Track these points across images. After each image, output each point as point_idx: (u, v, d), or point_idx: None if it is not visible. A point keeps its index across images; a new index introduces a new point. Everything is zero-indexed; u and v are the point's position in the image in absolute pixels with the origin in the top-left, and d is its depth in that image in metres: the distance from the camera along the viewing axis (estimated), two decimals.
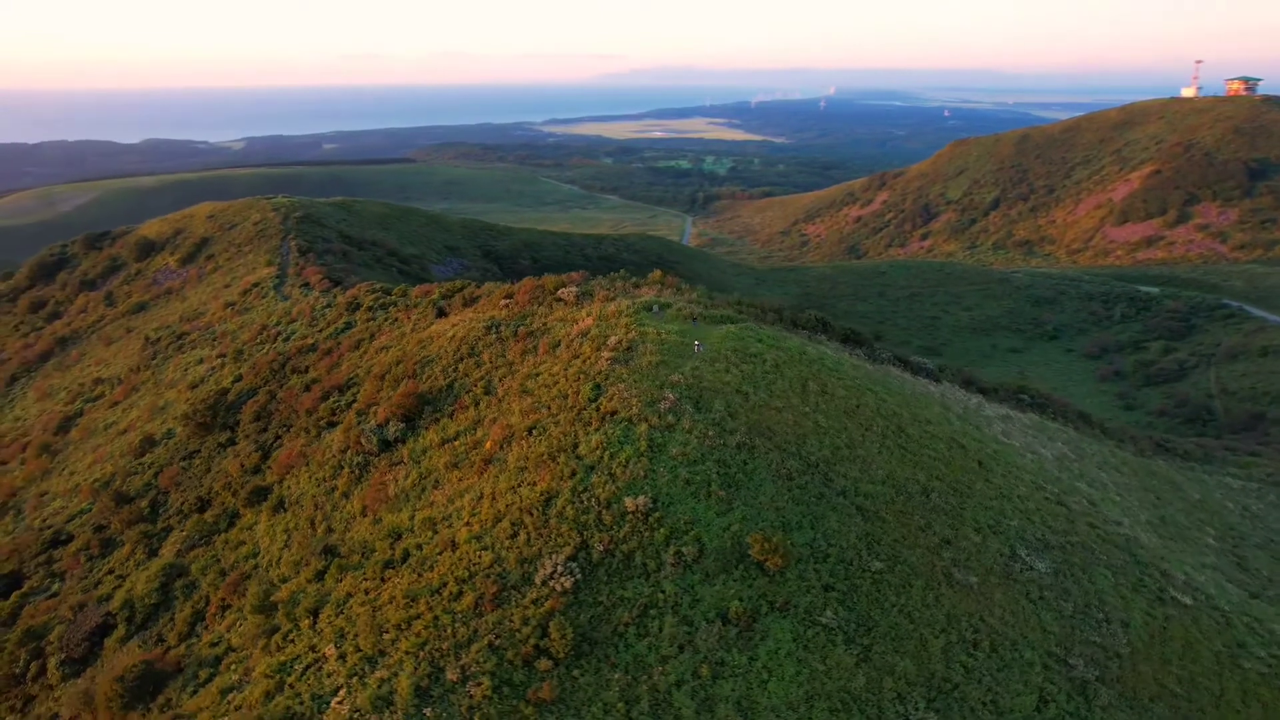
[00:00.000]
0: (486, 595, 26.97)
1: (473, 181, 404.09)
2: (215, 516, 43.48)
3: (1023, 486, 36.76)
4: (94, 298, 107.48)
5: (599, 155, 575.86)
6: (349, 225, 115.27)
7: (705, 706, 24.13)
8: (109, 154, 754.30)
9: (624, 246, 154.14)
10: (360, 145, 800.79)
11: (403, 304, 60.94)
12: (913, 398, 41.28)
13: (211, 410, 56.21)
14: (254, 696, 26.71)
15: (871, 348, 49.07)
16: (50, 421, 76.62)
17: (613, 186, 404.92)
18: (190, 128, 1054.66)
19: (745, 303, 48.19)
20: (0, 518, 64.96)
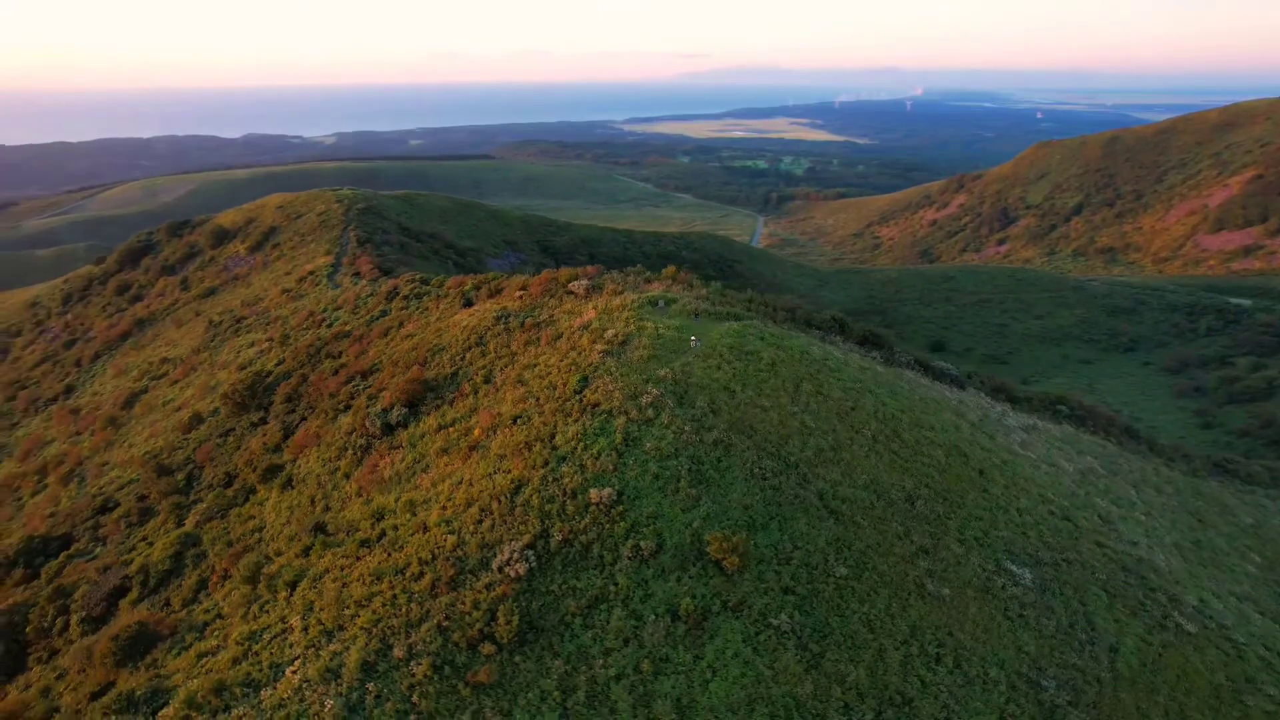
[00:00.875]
0: (443, 577, 27.40)
1: (548, 178, 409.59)
2: (235, 491, 45.45)
3: (1025, 499, 35.14)
4: (171, 282, 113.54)
5: (676, 154, 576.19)
6: (409, 218, 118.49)
7: (643, 702, 23.94)
8: (212, 148, 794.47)
9: (683, 244, 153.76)
10: (444, 141, 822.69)
11: (435, 294, 62.29)
12: (920, 403, 39.93)
13: (249, 390, 58.69)
14: (223, 661, 27.83)
15: (891, 350, 47.68)
16: (119, 397, 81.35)
17: (686, 185, 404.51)
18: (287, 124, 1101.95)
19: (756, 300, 47.46)
20: (67, 484, 69.45)
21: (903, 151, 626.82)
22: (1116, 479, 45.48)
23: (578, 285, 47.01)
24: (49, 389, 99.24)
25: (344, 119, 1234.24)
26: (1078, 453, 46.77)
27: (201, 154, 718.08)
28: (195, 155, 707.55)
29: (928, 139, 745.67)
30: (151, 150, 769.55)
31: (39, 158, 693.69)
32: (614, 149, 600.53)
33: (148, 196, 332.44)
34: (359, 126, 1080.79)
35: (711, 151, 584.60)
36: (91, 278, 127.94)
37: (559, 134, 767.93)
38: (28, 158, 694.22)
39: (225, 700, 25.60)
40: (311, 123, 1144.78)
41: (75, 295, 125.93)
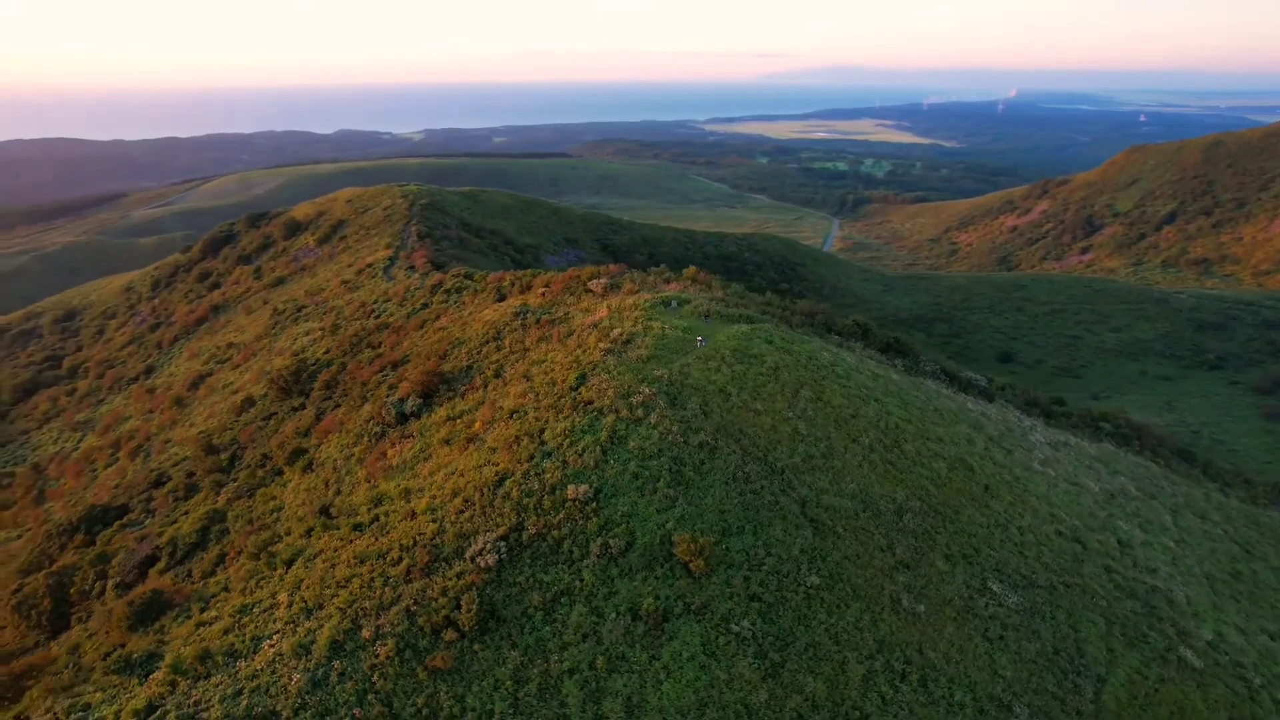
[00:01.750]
0: (419, 564, 28.19)
1: (624, 177, 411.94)
2: (265, 472, 47.59)
3: (1030, 518, 33.80)
4: (246, 271, 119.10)
5: (755, 155, 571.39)
6: (472, 214, 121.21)
7: (593, 698, 24.14)
8: (306, 143, 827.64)
9: (746, 246, 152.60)
10: (528, 139, 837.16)
11: (473, 289, 63.72)
12: (933, 414, 38.83)
13: (294, 376, 61.27)
14: (215, 631, 29.30)
15: (915, 359, 46.46)
16: (187, 378, 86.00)
17: (762, 186, 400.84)
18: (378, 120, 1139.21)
19: (774, 304, 46.91)
20: (134, 458, 73.89)
21: (990, 155, 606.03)
22: (1152, 502, 43.21)
23: (597, 284, 47.42)
24: (132, 369, 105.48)
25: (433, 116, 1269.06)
26: (1111, 473, 44.62)
27: (296, 149, 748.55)
28: (290, 150, 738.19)
29: (1018, 142, 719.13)
30: (251, 145, 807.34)
31: (152, 152, 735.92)
32: (692, 149, 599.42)
33: (242, 189, 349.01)
34: (447, 124, 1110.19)
35: (791, 153, 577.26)
36: (178, 265, 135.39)
37: (640, 133, 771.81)
38: (144, 151, 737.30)
39: (208, 668, 26.98)
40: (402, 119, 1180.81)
41: (163, 281, 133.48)
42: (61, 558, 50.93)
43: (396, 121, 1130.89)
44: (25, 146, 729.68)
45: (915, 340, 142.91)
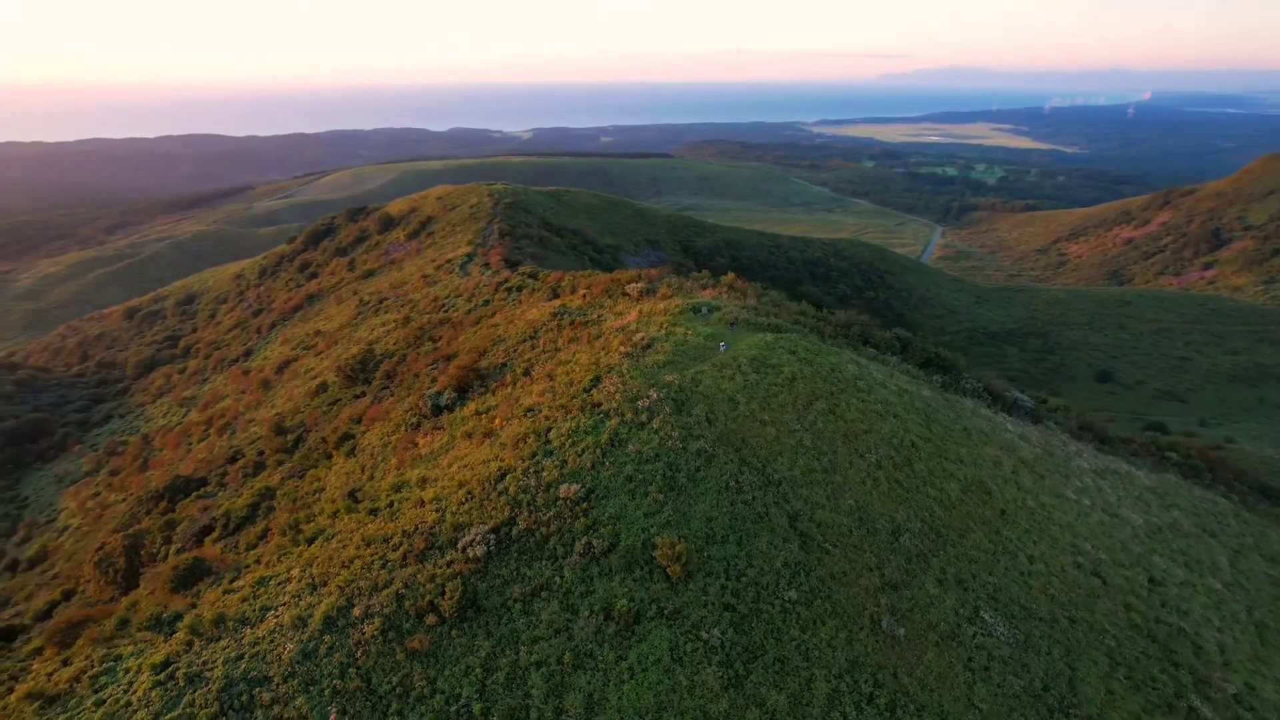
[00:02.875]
0: (415, 550, 29.62)
1: (723, 179, 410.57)
2: (318, 455, 50.54)
3: (1046, 546, 32.40)
4: (342, 263, 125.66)
5: (860, 158, 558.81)
6: (554, 213, 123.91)
7: (556, 692, 24.88)
8: (421, 140, 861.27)
9: (832, 251, 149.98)
10: (634, 139, 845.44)
11: (532, 287, 65.48)
12: (960, 433, 37.64)
13: (360, 365, 64.61)
14: (234, 599, 31.62)
15: (956, 375, 45.00)
16: (276, 363, 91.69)
17: (865, 190, 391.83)
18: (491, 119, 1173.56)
19: (809, 313, 46.34)
20: (222, 434, 79.45)
21: (1116, 162, 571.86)
22: (1208, 540, 40.50)
23: (633, 287, 48.10)
24: (234, 351, 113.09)
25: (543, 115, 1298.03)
26: (1164, 506, 42.04)
27: (411, 145, 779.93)
28: (406, 146, 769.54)
29: (1149, 149, 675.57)
30: (370, 141, 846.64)
31: (281, 147, 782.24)
32: (797, 151, 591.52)
33: (356, 183, 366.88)
34: (555, 123, 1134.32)
35: (899, 156, 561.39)
36: (282, 255, 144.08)
37: (746, 134, 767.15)
38: (274, 146, 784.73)
39: (219, 632, 29.21)
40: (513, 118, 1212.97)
41: (268, 270, 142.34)
42: (144, 522, 55.56)
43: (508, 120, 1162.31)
44: (172, 142, 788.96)
45: (1008, 354, 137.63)
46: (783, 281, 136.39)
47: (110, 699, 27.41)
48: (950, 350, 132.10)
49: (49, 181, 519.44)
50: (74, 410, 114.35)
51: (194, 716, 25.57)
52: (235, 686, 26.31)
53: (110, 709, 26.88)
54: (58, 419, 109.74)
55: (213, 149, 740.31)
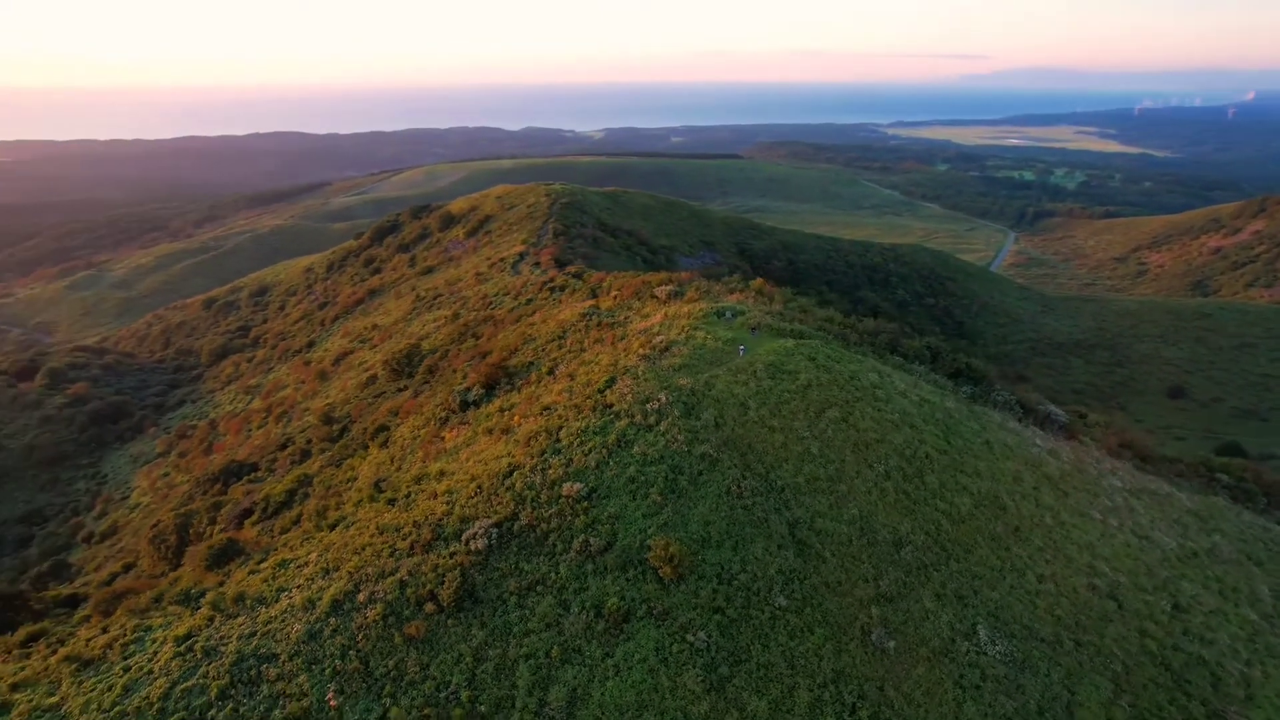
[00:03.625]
0: (421, 540, 30.70)
1: (791, 180, 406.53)
2: (356, 445, 52.45)
3: (1059, 566, 31.54)
4: (403, 259, 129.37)
5: (935, 161, 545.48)
6: (610, 214, 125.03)
7: (541, 684, 25.54)
8: (495, 139, 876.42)
9: (892, 256, 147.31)
10: (703, 139, 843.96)
11: (573, 287, 66.44)
12: (979, 446, 36.87)
13: (406, 359, 66.66)
14: (256, 580, 33.30)
15: (988, 387, 43.99)
16: (334, 354, 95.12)
17: (936, 194, 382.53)
18: (563, 119, 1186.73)
19: (836, 320, 45.88)
20: (279, 422, 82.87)
21: (1211, 167, 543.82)
22: (1250, 568, 38.68)
23: (662, 290, 48.49)
24: (298, 342, 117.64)
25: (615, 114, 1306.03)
26: (1205, 530, 40.30)
27: (484, 144, 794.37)
28: (479, 145, 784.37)
29: (1250, 152, 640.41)
30: (445, 140, 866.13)
31: (360, 144, 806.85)
32: (868, 153, 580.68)
33: (427, 181, 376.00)
34: (627, 123, 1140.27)
35: (975, 160, 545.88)
36: (349, 251, 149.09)
37: (817, 136, 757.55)
38: (354, 144, 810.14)
39: (238, 609, 30.84)
40: (585, 118, 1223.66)
41: (336, 265, 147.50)
42: (196, 502, 58.59)
43: (580, 120, 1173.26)
44: (260, 139, 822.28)
45: (1073, 366, 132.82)
46: (840, 286, 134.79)
47: (135, 666, 29.26)
48: (1011, 360, 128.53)
49: (148, 176, 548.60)
50: (153, 394, 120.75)
51: (207, 687, 27.13)
52: (246, 661, 27.79)
53: (134, 675, 28.70)
54: (137, 402, 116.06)
55: (296, 146, 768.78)
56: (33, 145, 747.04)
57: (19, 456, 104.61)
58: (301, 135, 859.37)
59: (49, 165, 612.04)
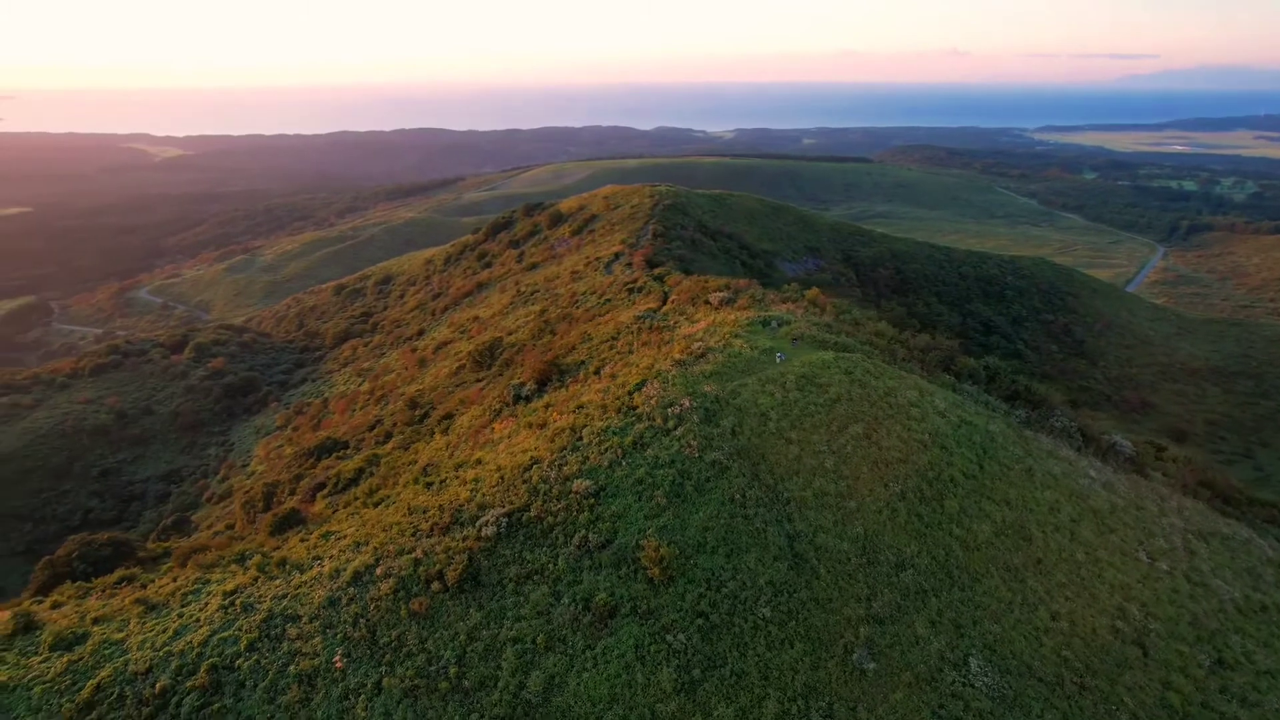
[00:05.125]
0: (440, 523, 32.73)
1: (920, 186, 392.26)
2: (426, 431, 55.67)
3: (1080, 604, 29.98)
4: (512, 255, 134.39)
5: (1082, 169, 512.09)
6: (712, 216, 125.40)
7: (524, 668, 26.89)
8: (626, 138, 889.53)
9: (1009, 269, 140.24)
10: (837, 141, 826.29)
11: (648, 289, 67.60)
12: (1019, 474, 35.39)
13: (488, 351, 69.90)
14: (301, 547, 36.38)
15: (1047, 412, 41.96)
16: (435, 344, 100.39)
17: (1079, 204, 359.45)
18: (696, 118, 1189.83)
19: (886, 334, 44.79)
20: (377, 404, 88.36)
21: None
22: None
23: (716, 296, 48.87)
24: (410, 330, 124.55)
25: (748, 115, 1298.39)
26: None
27: (616, 143, 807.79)
28: (611, 144, 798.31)
29: None
30: (577, 138, 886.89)
31: (497, 141, 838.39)
32: (1008, 159, 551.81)
33: (554, 179, 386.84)
34: (759, 123, 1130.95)
35: (1127, 168, 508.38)
36: (465, 245, 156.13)
37: (955, 140, 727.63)
38: (491, 141, 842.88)
39: (279, 572, 33.88)
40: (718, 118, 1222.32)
41: (452, 258, 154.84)
42: (285, 473, 63.75)
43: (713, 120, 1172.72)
44: (404, 135, 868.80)
45: (1208, 394, 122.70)
46: (950, 298, 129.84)
47: (188, 613, 32.76)
48: (1135, 384, 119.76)
49: (301, 168, 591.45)
50: (280, 371, 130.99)
51: (238, 639, 30.13)
52: (274, 619, 30.63)
53: (185, 621, 32.17)
54: (265, 378, 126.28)
55: (437, 141, 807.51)
56: (211, 140, 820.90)
57: (165, 421, 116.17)
58: (443, 131, 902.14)
59: (222, 158, 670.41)
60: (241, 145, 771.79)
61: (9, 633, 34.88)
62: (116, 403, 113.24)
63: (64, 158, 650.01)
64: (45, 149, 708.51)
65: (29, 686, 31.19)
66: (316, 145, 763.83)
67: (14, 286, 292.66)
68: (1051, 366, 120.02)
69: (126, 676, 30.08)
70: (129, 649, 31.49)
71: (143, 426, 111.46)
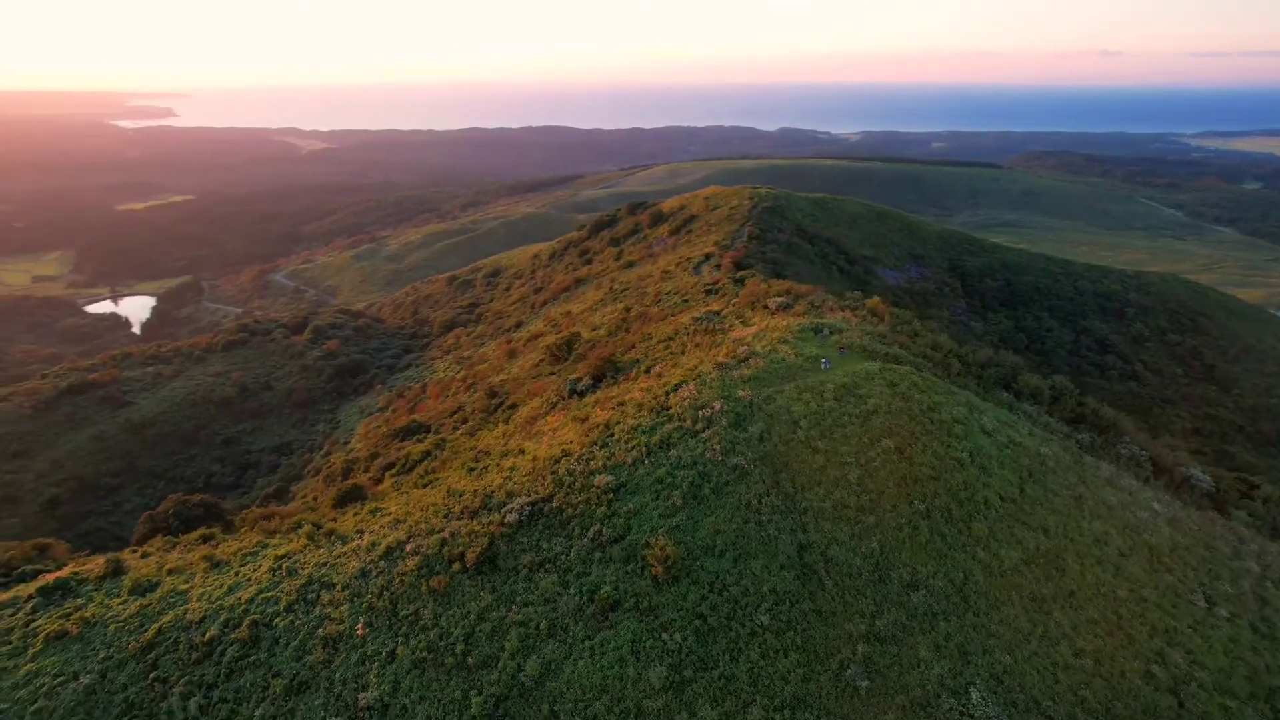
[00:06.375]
0: (470, 508, 34.23)
1: (1052, 194, 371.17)
2: (493, 419, 57.82)
3: (1112, 644, 28.18)
4: (612, 252, 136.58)
5: (1243, 178, 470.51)
6: (812, 220, 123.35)
7: (524, 651, 27.91)
8: (749, 138, 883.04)
9: (1134, 285, 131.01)
10: (967, 145, 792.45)
11: (721, 291, 67.56)
12: (1063, 500, 33.55)
13: (565, 346, 71.68)
14: (351, 521, 38.80)
15: (1115, 438, 39.46)
16: (528, 336, 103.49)
17: (1233, 217, 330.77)
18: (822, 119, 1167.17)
19: (943, 347, 43.07)
20: (468, 391, 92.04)
21: None
22: None
23: (773, 301, 48.46)
24: (510, 322, 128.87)
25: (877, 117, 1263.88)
26: None
27: (737, 143, 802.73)
28: (732, 144, 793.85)
29: None
30: (700, 138, 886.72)
31: (621, 140, 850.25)
32: (1156, 166, 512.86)
33: (670, 178, 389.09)
34: (888, 125, 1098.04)
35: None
36: (570, 241, 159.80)
37: (1099, 145, 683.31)
38: (615, 139, 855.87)
39: (324, 542, 36.33)
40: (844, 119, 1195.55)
41: (557, 253, 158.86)
42: (369, 451, 67.57)
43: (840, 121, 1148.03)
44: (531, 132, 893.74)
45: None
46: (1062, 313, 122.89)
47: (244, 573, 35.66)
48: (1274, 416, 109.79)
49: (430, 163, 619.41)
50: (389, 356, 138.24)
51: (279, 599, 32.60)
52: (312, 585, 32.95)
53: (239, 578, 35.05)
54: (374, 361, 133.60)
55: (562, 139, 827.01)
56: (352, 134, 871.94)
57: (282, 396, 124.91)
58: (569, 129, 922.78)
59: (360, 151, 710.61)
60: (379, 139, 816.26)
61: (101, 575, 38.95)
62: (240, 378, 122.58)
63: (223, 150, 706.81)
64: (208, 142, 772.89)
65: (106, 624, 34.82)
66: (444, 141, 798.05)
67: (177, 266, 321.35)
68: (1173, 391, 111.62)
69: (183, 624, 33.12)
70: (190, 599, 34.61)
71: (261, 400, 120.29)
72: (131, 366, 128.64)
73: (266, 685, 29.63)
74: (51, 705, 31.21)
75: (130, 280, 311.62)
